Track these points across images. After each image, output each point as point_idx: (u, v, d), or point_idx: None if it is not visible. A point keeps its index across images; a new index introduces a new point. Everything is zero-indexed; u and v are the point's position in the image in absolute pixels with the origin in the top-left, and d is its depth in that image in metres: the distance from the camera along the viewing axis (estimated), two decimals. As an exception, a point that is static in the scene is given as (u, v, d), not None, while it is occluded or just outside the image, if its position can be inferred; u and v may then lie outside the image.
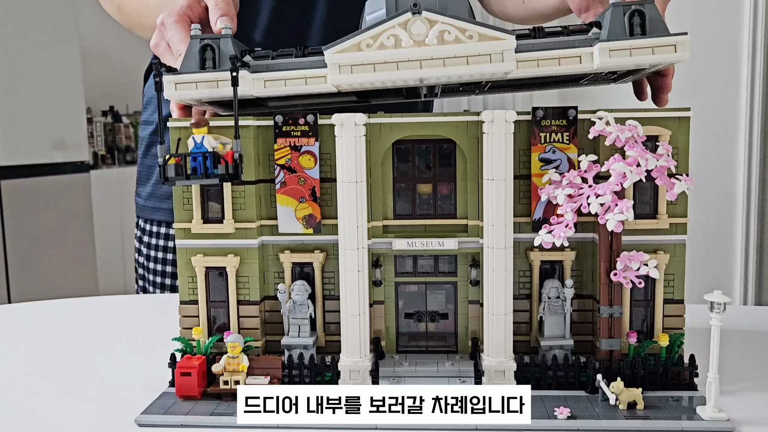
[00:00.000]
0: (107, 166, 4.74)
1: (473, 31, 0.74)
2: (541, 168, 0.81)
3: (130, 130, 4.95)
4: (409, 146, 0.85)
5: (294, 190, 0.83)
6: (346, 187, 0.79)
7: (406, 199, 0.86)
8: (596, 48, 0.74)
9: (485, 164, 0.79)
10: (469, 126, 0.82)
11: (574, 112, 0.81)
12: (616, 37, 0.74)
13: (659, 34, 0.74)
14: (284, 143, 0.83)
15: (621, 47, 0.74)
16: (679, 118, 0.81)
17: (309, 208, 0.83)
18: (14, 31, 3.32)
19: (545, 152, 0.81)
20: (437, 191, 0.85)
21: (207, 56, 0.77)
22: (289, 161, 0.83)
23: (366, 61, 0.75)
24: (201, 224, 0.84)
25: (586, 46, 0.76)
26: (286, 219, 0.84)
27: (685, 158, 0.81)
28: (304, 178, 0.83)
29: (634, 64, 0.77)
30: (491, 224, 0.79)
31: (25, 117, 3.39)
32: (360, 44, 0.75)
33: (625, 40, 0.74)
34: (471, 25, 0.74)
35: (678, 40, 0.74)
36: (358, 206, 0.80)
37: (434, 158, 0.85)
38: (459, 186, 0.84)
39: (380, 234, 0.84)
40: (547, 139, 0.81)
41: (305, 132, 0.82)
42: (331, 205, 0.83)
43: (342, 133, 0.79)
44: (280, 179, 0.83)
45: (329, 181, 0.84)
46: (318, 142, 0.83)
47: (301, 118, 0.82)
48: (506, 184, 0.78)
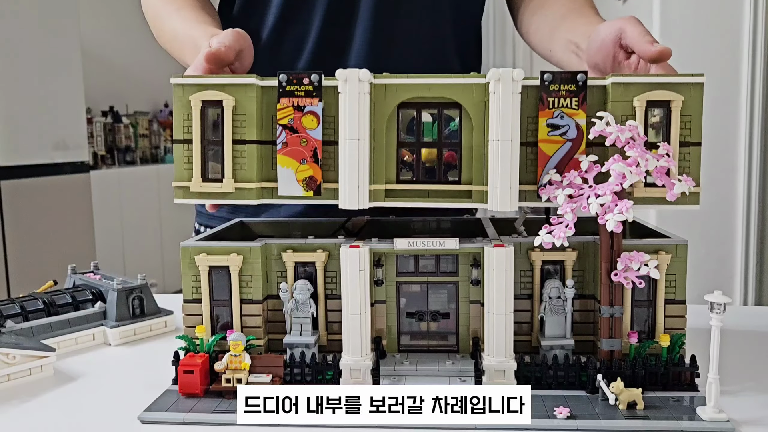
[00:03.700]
0: (107, 166, 4.74)
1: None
2: (549, 134, 0.80)
3: (129, 130, 4.95)
4: (415, 109, 0.83)
5: (295, 151, 0.81)
6: (348, 145, 0.78)
7: (409, 163, 0.84)
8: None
9: (491, 125, 0.78)
10: (475, 88, 0.80)
11: (584, 76, 0.79)
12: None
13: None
14: (287, 103, 0.81)
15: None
16: (693, 84, 0.79)
17: (310, 170, 0.82)
18: (15, 32, 3.32)
19: (553, 117, 0.80)
20: (441, 156, 0.83)
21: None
22: (291, 121, 0.81)
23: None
24: (200, 183, 0.83)
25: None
26: (286, 181, 0.82)
27: (698, 125, 0.80)
28: (306, 139, 0.81)
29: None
30: (496, 186, 0.78)
31: (25, 117, 3.39)
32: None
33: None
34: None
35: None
36: (360, 165, 0.78)
37: (439, 122, 0.83)
38: (464, 151, 0.83)
39: (382, 198, 0.83)
40: (555, 104, 0.79)
41: (309, 92, 0.81)
42: (333, 170, 0.82)
43: (345, 89, 0.78)
44: (282, 139, 0.81)
45: (331, 144, 0.82)
46: (321, 103, 0.81)
47: (306, 78, 0.81)
48: (512, 145, 0.77)
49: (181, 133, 0.83)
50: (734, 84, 2.19)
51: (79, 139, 3.74)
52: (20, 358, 0.87)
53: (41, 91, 3.47)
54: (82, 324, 1.03)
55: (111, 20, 4.91)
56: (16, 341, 0.89)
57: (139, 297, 1.07)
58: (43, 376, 0.90)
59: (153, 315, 1.08)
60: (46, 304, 1.05)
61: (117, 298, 1.04)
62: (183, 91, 0.82)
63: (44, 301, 1.05)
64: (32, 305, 1.04)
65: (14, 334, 0.94)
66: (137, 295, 1.07)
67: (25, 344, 0.89)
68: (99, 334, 1.04)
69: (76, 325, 1.02)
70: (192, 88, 0.82)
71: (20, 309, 1.02)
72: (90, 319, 1.04)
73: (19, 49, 3.34)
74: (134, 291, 1.07)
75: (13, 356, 0.87)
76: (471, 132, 0.82)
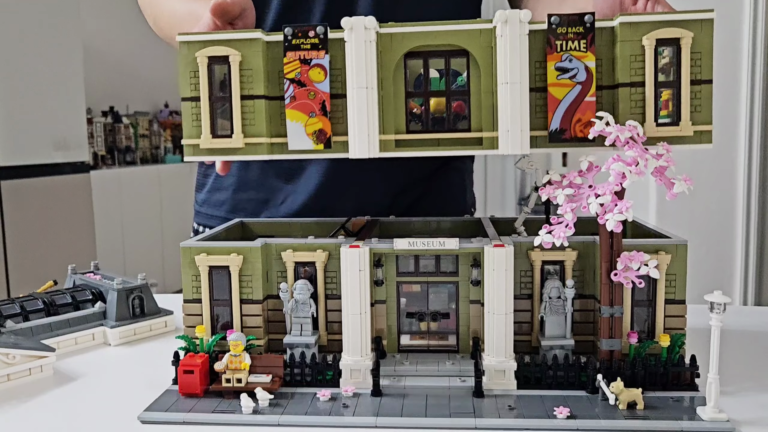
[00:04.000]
0: (107, 166, 4.75)
1: None
2: (558, 78, 0.79)
3: (130, 130, 4.96)
4: (422, 58, 0.82)
5: (304, 105, 0.81)
6: (356, 93, 0.78)
7: (418, 114, 0.83)
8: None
9: (499, 68, 0.78)
10: (482, 33, 0.80)
11: (592, 18, 0.79)
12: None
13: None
14: (294, 57, 0.81)
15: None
16: (702, 20, 0.78)
17: (319, 122, 0.82)
18: (15, 32, 3.32)
19: (561, 61, 0.79)
20: (450, 106, 0.83)
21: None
22: (298, 75, 0.81)
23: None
24: (210, 139, 0.83)
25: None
26: (295, 135, 0.82)
27: (709, 63, 0.79)
28: (314, 92, 0.81)
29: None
30: (506, 130, 0.78)
31: (25, 117, 3.39)
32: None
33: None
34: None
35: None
36: (369, 114, 0.78)
37: (447, 73, 0.83)
38: (473, 98, 0.82)
39: (393, 148, 0.83)
40: (563, 47, 0.79)
41: (315, 45, 0.81)
42: (342, 122, 0.82)
43: (351, 37, 0.78)
44: (290, 94, 0.81)
45: (339, 98, 0.82)
46: (328, 56, 0.81)
47: (311, 30, 0.81)
48: (521, 87, 0.77)
49: (188, 91, 0.83)
50: (734, 84, 2.19)
51: (79, 139, 3.75)
52: (20, 358, 0.87)
53: (41, 91, 3.47)
54: (82, 324, 1.03)
55: (112, 20, 4.91)
56: (16, 341, 0.89)
57: (139, 297, 1.07)
58: (43, 376, 0.90)
59: (153, 315, 1.08)
60: (46, 304, 1.05)
61: (117, 298, 1.04)
62: (188, 48, 0.82)
63: (44, 301, 1.05)
64: (32, 305, 1.04)
65: (14, 334, 0.94)
66: (137, 295, 1.07)
67: (25, 344, 0.89)
68: (99, 334, 1.04)
69: (76, 325, 1.02)
70: (198, 44, 0.82)
71: (20, 309, 1.03)
72: (90, 319, 1.04)
73: (20, 49, 3.35)
74: (134, 291, 1.07)
75: (13, 356, 0.87)
76: (479, 79, 0.81)
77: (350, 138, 0.80)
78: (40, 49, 3.45)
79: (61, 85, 3.59)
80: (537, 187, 0.93)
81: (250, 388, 0.78)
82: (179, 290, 0.90)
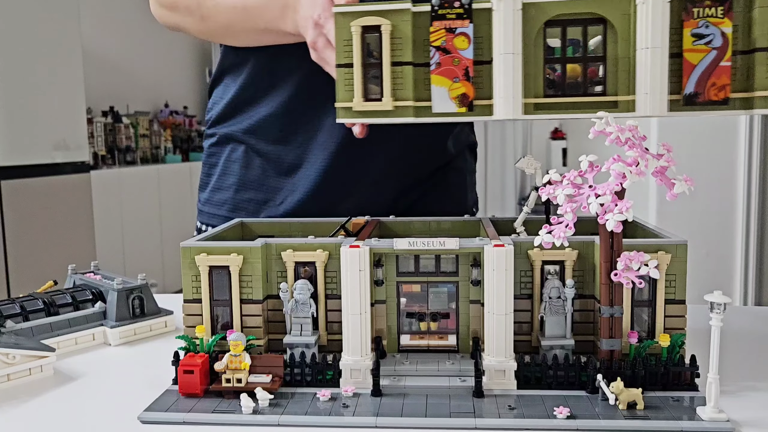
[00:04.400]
0: (107, 166, 4.75)
1: None
2: (694, 43, 0.81)
3: (130, 130, 4.96)
4: (560, 27, 0.85)
5: (448, 71, 0.85)
6: (503, 59, 0.83)
7: (553, 80, 0.86)
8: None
9: (639, 34, 0.80)
10: (621, 1, 0.82)
11: None
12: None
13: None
14: (440, 26, 0.85)
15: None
16: None
17: (463, 87, 0.85)
18: (15, 32, 3.32)
19: (698, 27, 0.81)
20: (586, 71, 0.86)
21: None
22: (444, 43, 0.85)
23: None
24: (362, 102, 0.87)
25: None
26: (440, 98, 0.86)
27: None
28: (458, 59, 0.85)
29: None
30: (644, 92, 0.80)
31: (25, 117, 3.39)
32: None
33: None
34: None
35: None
36: (515, 77, 0.83)
37: (584, 41, 0.86)
38: (609, 63, 0.85)
39: (532, 111, 0.86)
40: (700, 14, 0.81)
41: (460, 15, 0.85)
42: (483, 87, 0.86)
43: (500, 6, 0.82)
44: (435, 60, 0.85)
45: (482, 64, 0.86)
46: (472, 24, 0.85)
47: (457, 1, 0.85)
48: (662, 52, 0.79)
49: (342, 58, 0.88)
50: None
51: (79, 139, 3.75)
52: (20, 358, 0.87)
53: (42, 91, 3.48)
54: (82, 324, 1.03)
55: (112, 21, 4.91)
56: (16, 341, 0.89)
57: (139, 297, 1.07)
58: (43, 376, 0.90)
59: (153, 315, 1.08)
60: (46, 304, 1.05)
61: (117, 298, 1.04)
62: (344, 18, 0.87)
63: (44, 301, 1.05)
64: (32, 305, 1.04)
65: (14, 334, 0.94)
66: (137, 295, 1.07)
67: (25, 344, 0.89)
68: (99, 334, 1.04)
69: (76, 325, 1.02)
70: (351, 15, 0.86)
71: (20, 309, 1.02)
72: (90, 319, 1.04)
73: (20, 49, 3.35)
74: (134, 291, 1.07)
75: (13, 356, 0.87)
76: (616, 45, 0.84)
77: (495, 100, 0.84)
78: (40, 49, 3.45)
79: (61, 85, 3.59)
80: (537, 187, 0.93)
81: (250, 388, 0.78)
82: (179, 290, 0.90)
